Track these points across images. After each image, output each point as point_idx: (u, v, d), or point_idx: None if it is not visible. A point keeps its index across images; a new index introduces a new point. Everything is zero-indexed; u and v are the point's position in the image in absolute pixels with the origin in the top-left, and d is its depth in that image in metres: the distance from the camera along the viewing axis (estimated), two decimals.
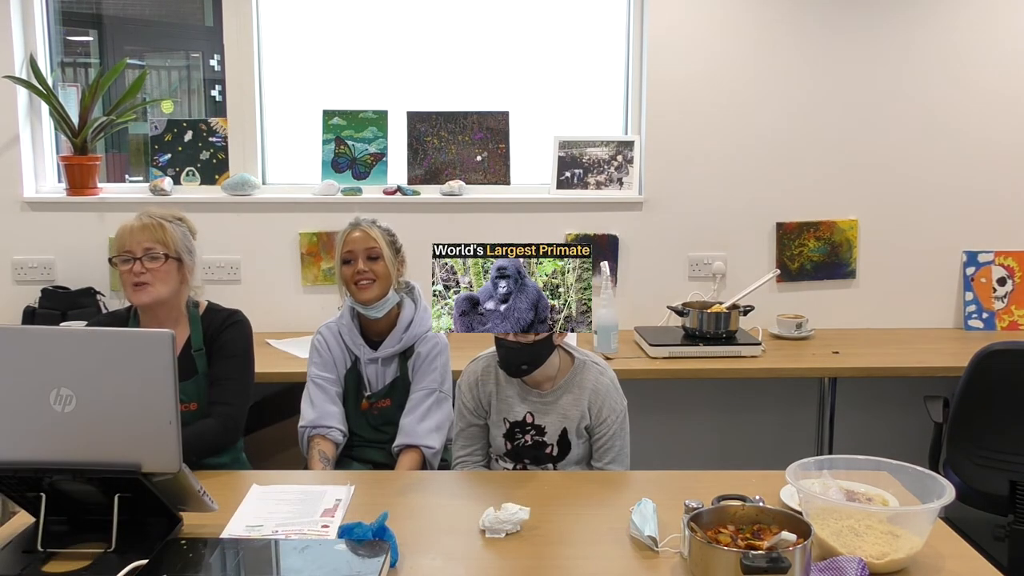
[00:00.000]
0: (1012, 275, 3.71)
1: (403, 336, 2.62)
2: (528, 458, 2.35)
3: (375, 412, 2.64)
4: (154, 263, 2.36)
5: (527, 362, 2.25)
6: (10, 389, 1.72)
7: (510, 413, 2.36)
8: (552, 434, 2.33)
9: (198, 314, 2.47)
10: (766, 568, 1.51)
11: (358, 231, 2.58)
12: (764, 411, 3.81)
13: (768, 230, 3.72)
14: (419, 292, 2.70)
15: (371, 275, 2.55)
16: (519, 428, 2.35)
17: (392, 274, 2.59)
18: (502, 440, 2.37)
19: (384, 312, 2.60)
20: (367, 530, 1.72)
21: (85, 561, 1.71)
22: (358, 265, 2.55)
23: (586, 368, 2.36)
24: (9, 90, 3.54)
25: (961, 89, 3.65)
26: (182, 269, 2.42)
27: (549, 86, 3.75)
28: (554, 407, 2.33)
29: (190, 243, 2.46)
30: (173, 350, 1.72)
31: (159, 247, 2.37)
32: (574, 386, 2.34)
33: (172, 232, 2.40)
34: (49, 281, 3.59)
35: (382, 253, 2.56)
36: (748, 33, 3.60)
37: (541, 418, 2.34)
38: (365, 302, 2.57)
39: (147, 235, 2.37)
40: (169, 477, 1.77)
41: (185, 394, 2.36)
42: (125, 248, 2.37)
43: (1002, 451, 2.76)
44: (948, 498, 1.74)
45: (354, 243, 2.57)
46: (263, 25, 3.68)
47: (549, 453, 2.34)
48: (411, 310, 2.64)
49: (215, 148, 3.73)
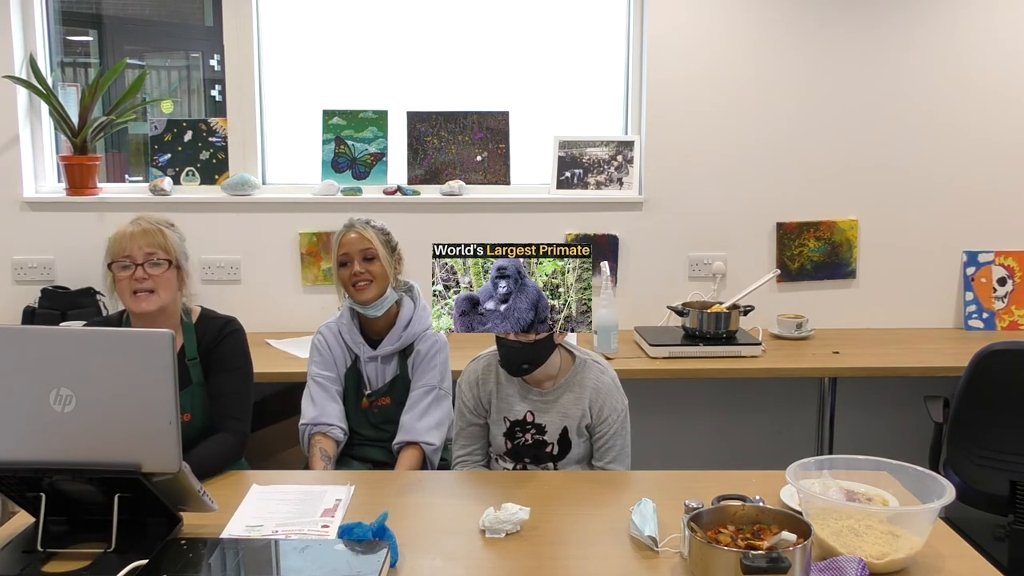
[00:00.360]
0: (1012, 275, 3.71)
1: (402, 334, 2.62)
2: (528, 457, 2.35)
3: (375, 410, 2.64)
4: (156, 269, 2.29)
5: (528, 361, 2.25)
6: (10, 389, 1.72)
7: (511, 412, 2.36)
8: (552, 433, 2.33)
9: (191, 322, 2.40)
10: (766, 568, 1.51)
11: (353, 232, 2.58)
12: (764, 411, 3.81)
13: (768, 230, 3.72)
14: (418, 291, 2.70)
15: (368, 276, 2.56)
16: (519, 427, 2.35)
17: (389, 273, 2.59)
18: (502, 439, 2.37)
19: (383, 311, 2.60)
20: (367, 530, 1.72)
21: (85, 561, 1.71)
22: (354, 267, 2.56)
23: (587, 367, 2.36)
24: (9, 90, 3.54)
25: (961, 89, 3.65)
26: (180, 276, 2.36)
27: (549, 86, 3.75)
28: (555, 406, 2.33)
29: (186, 249, 2.41)
30: (173, 350, 1.72)
31: (160, 252, 2.30)
32: (575, 385, 2.34)
33: (171, 237, 2.35)
34: (49, 281, 3.58)
35: (378, 253, 2.57)
36: (748, 33, 3.60)
37: (542, 417, 2.34)
38: (364, 302, 2.58)
39: (148, 240, 2.30)
40: (169, 477, 1.77)
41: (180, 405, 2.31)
42: (124, 253, 2.28)
43: (1002, 451, 2.76)
44: (948, 498, 1.74)
45: (349, 245, 2.57)
46: (263, 25, 3.68)
47: (549, 452, 2.34)
48: (410, 309, 2.65)
49: (215, 148, 3.73)
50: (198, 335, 2.39)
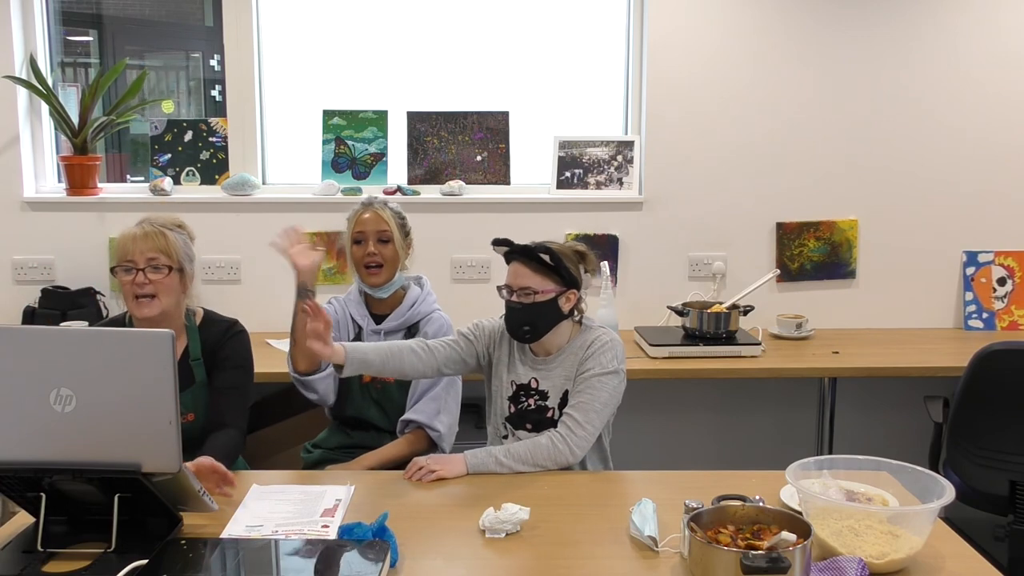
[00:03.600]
0: (1012, 275, 3.71)
1: (408, 312, 2.65)
2: (530, 422, 2.36)
3: (377, 387, 2.65)
4: (157, 275, 2.28)
5: (528, 323, 2.29)
6: (10, 389, 1.72)
7: (517, 377, 2.39)
8: (554, 398, 2.35)
9: (195, 323, 2.41)
10: (766, 568, 1.51)
11: (370, 212, 2.61)
12: (764, 411, 3.81)
13: (768, 230, 3.72)
14: (426, 281, 2.75)
15: (380, 259, 2.59)
16: (524, 392, 2.37)
17: (401, 257, 2.62)
18: (506, 403, 2.39)
19: (390, 293, 2.64)
20: (367, 530, 1.73)
21: (85, 561, 1.71)
22: (368, 247, 2.58)
23: (591, 331, 2.38)
24: (9, 90, 3.54)
25: (961, 89, 3.65)
26: (183, 279, 2.35)
27: (549, 86, 3.75)
28: (556, 369, 2.36)
29: (190, 251, 2.39)
30: (173, 350, 1.72)
31: (162, 257, 2.29)
32: (576, 347, 2.36)
33: (174, 241, 2.33)
34: (49, 281, 3.58)
35: (392, 236, 2.59)
36: (748, 33, 3.60)
37: (545, 382, 2.36)
38: (373, 286, 2.62)
39: (149, 244, 2.29)
40: (169, 477, 1.77)
41: (183, 404, 2.30)
42: (127, 257, 2.28)
43: (1002, 451, 2.76)
44: (948, 498, 1.74)
45: (365, 224, 2.60)
46: (263, 25, 3.68)
47: (551, 417, 2.35)
48: (417, 291, 2.69)
49: (215, 148, 3.73)
50: (202, 337, 2.39)
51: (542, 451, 2.20)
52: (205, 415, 2.37)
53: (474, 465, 2.18)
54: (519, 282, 2.30)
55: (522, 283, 2.29)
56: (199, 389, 2.37)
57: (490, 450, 2.21)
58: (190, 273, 2.37)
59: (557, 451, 2.21)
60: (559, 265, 2.28)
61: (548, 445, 2.21)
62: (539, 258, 2.29)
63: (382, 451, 2.54)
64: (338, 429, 2.71)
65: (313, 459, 2.69)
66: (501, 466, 2.18)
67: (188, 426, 2.28)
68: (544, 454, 2.20)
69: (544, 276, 2.29)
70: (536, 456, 2.20)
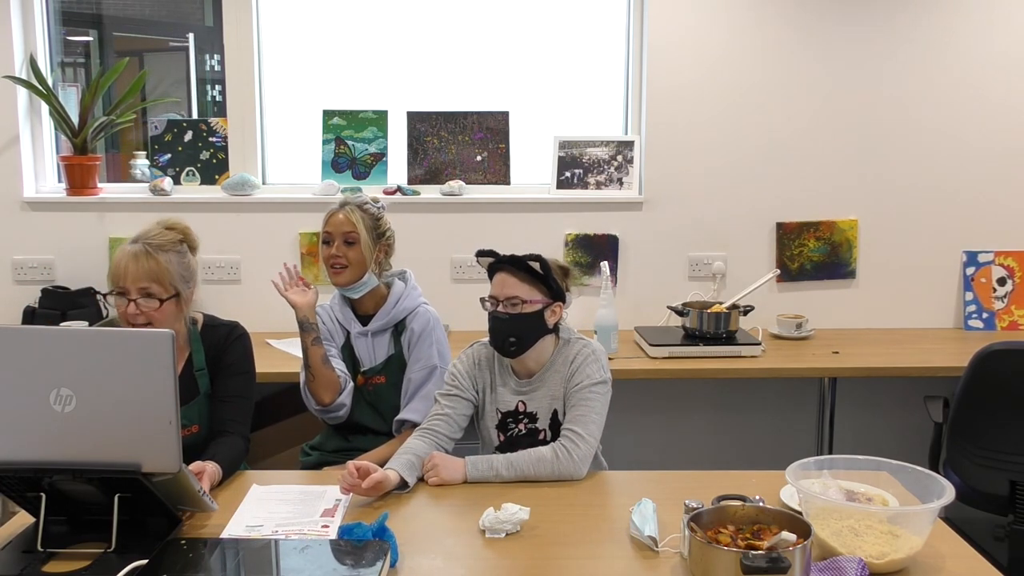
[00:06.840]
0: (1012, 275, 3.71)
1: (392, 311, 2.65)
2: (523, 449, 2.35)
3: (370, 388, 2.66)
4: (150, 304, 2.15)
5: (515, 335, 2.27)
6: (10, 389, 1.72)
7: (502, 404, 2.37)
8: (543, 418, 2.34)
9: (197, 331, 2.33)
10: (766, 568, 1.51)
11: (341, 213, 2.61)
12: (764, 411, 3.81)
13: (768, 230, 3.72)
14: (411, 275, 2.74)
15: (343, 261, 2.59)
16: (511, 418, 2.36)
17: (368, 260, 2.60)
18: (495, 432, 2.37)
19: (360, 294, 2.64)
20: (367, 530, 1.73)
21: (85, 561, 1.71)
22: (333, 248, 2.59)
23: (570, 344, 2.36)
24: (9, 90, 3.54)
25: (961, 89, 3.65)
26: (180, 301, 2.22)
27: (549, 86, 3.75)
28: (541, 389, 2.34)
29: (188, 270, 2.24)
30: (173, 350, 1.72)
31: (154, 286, 2.15)
32: (559, 363, 2.34)
33: (167, 266, 2.17)
34: (49, 281, 3.58)
35: (359, 239, 2.59)
36: (748, 33, 3.60)
37: (532, 404, 2.34)
38: (336, 285, 2.64)
39: (141, 271, 2.14)
40: (169, 477, 1.77)
41: (187, 418, 2.23)
42: (118, 284, 2.16)
43: (1002, 451, 2.76)
44: (948, 498, 1.74)
45: (334, 225, 2.61)
46: (263, 25, 3.68)
47: (543, 440, 2.33)
48: (401, 287, 2.68)
49: (215, 148, 3.73)
50: (205, 344, 2.34)
51: (546, 466, 2.16)
52: (210, 427, 2.31)
53: (474, 476, 2.15)
54: (506, 292, 2.28)
55: (509, 292, 2.27)
56: (203, 400, 2.31)
57: (492, 461, 2.17)
58: (187, 295, 2.24)
59: (562, 465, 2.17)
60: (548, 275, 2.27)
61: (552, 459, 2.17)
62: (528, 267, 2.27)
63: (379, 452, 2.54)
64: (335, 433, 2.71)
65: (311, 462, 2.69)
66: (502, 479, 2.15)
67: (192, 438, 2.25)
68: (548, 469, 2.16)
69: (532, 286, 2.28)
70: (540, 471, 2.16)
